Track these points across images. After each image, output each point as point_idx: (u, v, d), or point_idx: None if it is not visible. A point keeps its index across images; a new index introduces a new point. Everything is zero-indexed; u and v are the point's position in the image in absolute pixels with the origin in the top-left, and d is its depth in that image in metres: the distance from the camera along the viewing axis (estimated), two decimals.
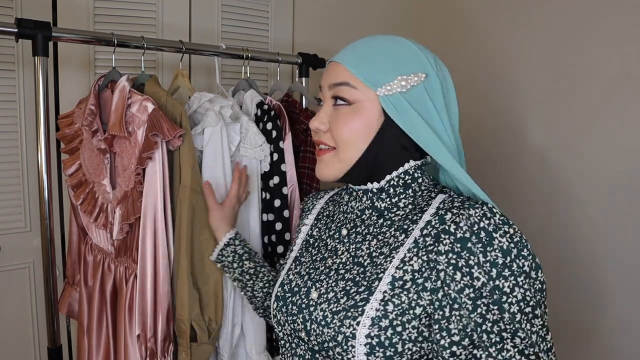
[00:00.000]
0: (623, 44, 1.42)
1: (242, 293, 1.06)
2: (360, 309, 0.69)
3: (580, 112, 1.54)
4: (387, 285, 0.69)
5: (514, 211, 1.72)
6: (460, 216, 0.68)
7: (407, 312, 0.67)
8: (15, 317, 1.52)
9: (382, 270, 0.72)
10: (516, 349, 0.64)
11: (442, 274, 0.67)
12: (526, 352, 0.64)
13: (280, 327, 0.82)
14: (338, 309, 0.71)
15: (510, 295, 0.64)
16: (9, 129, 1.48)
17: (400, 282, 0.69)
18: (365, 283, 0.72)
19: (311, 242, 0.87)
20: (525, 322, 0.65)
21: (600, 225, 1.50)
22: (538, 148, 1.67)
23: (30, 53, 1.08)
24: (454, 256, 0.66)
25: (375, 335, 0.67)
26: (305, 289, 0.79)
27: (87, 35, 1.19)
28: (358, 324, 0.68)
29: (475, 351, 0.65)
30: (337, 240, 0.82)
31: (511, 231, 0.66)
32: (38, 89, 1.08)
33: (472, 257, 0.65)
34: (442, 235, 0.68)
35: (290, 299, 0.80)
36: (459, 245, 0.66)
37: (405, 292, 0.68)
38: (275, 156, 1.25)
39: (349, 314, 0.70)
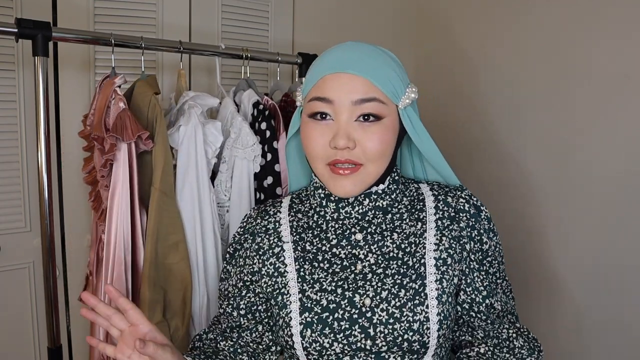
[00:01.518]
0: (623, 43, 1.42)
1: None
2: (423, 294, 0.76)
3: (579, 113, 1.54)
4: (433, 266, 0.79)
5: (511, 211, 1.72)
6: (462, 198, 0.84)
7: (452, 284, 0.79)
8: (15, 317, 1.52)
9: (420, 256, 0.79)
10: (502, 291, 0.86)
11: (466, 246, 0.82)
12: (506, 291, 0.87)
13: (323, 351, 0.75)
14: (402, 302, 0.76)
15: (495, 250, 0.85)
16: (9, 129, 1.48)
17: (441, 261, 0.79)
18: (413, 271, 0.78)
19: (310, 257, 0.81)
20: (502, 270, 0.86)
21: (599, 225, 1.50)
22: (537, 149, 1.67)
23: (30, 53, 1.08)
24: (469, 229, 0.82)
25: (441, 311, 0.76)
26: (346, 300, 0.76)
27: (87, 35, 1.20)
28: (427, 306, 0.75)
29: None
30: (350, 247, 0.81)
31: (483, 204, 0.85)
32: (38, 89, 1.08)
33: (480, 227, 0.83)
34: (460, 214, 0.82)
35: (330, 317, 0.76)
36: (472, 220, 0.82)
37: (450, 268, 0.79)
38: (269, 156, 1.24)
39: (416, 301, 0.76)
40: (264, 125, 1.25)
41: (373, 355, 0.75)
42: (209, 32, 1.73)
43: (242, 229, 0.89)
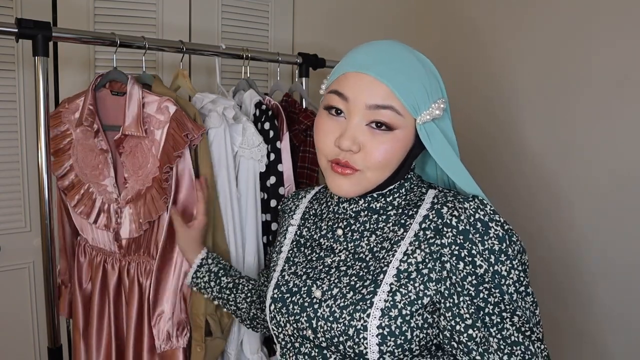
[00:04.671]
0: (621, 46, 1.42)
1: (225, 309, 1.07)
2: (368, 302, 0.72)
3: (578, 115, 1.54)
4: (393, 277, 0.72)
5: (511, 213, 1.72)
6: (459, 210, 0.72)
7: (414, 302, 0.71)
8: (15, 317, 1.52)
9: (385, 263, 0.74)
10: (514, 327, 0.70)
11: (447, 265, 0.71)
12: (522, 329, 0.70)
13: (280, 328, 0.81)
14: (345, 303, 0.73)
15: (508, 278, 0.70)
16: (9, 129, 1.48)
17: (406, 274, 0.72)
18: (370, 277, 0.74)
19: (302, 242, 0.87)
20: (520, 300, 0.70)
21: (597, 227, 1.50)
22: (535, 150, 1.67)
23: (30, 53, 1.08)
24: (457, 247, 0.71)
25: (386, 325, 0.70)
26: (306, 288, 0.79)
27: (87, 35, 1.19)
28: (368, 315, 0.71)
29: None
30: (332, 240, 0.82)
31: (501, 220, 0.72)
32: (38, 89, 1.08)
33: (474, 247, 0.70)
34: (445, 229, 0.72)
35: (289, 299, 0.80)
36: (461, 237, 0.71)
37: (411, 283, 0.72)
38: (272, 156, 1.24)
39: (358, 307, 0.72)
40: (267, 126, 1.25)
41: (317, 349, 0.77)
42: (209, 32, 1.73)
43: (280, 206, 0.99)
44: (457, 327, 0.70)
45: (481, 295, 0.70)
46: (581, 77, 1.52)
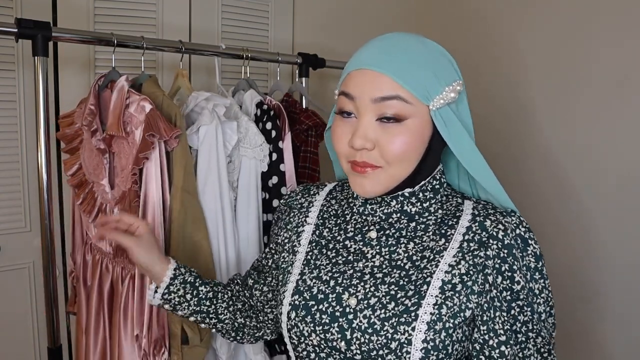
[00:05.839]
0: (621, 46, 1.42)
1: (204, 325, 0.92)
2: (413, 314, 0.69)
3: (578, 115, 1.54)
4: (438, 289, 0.70)
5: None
6: (504, 224, 0.72)
7: (458, 314, 0.69)
8: (15, 317, 1.52)
9: (428, 274, 0.72)
10: (535, 347, 0.71)
11: (490, 278, 0.71)
12: (542, 350, 0.71)
13: (302, 338, 0.76)
14: (387, 315, 0.70)
15: (539, 297, 0.71)
16: (9, 129, 1.48)
17: (450, 286, 0.70)
18: (412, 287, 0.71)
19: (323, 243, 0.82)
20: (546, 321, 0.72)
21: (605, 225, 1.50)
22: (535, 151, 1.67)
23: (30, 53, 1.08)
24: (499, 261, 0.71)
25: (430, 339, 0.68)
26: (334, 295, 0.75)
27: (87, 35, 1.19)
28: (413, 329, 0.68)
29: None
30: (362, 243, 0.78)
31: (535, 238, 0.73)
32: (38, 89, 1.08)
33: (515, 263, 0.70)
34: (491, 241, 0.71)
35: (315, 307, 0.75)
36: (505, 251, 0.71)
37: (457, 295, 0.70)
38: (274, 156, 1.25)
39: (402, 319, 0.69)
40: (269, 125, 1.25)
41: None
42: (209, 32, 1.73)
43: (284, 201, 0.93)
44: (490, 342, 0.70)
45: (512, 312, 0.70)
46: (581, 77, 1.52)
